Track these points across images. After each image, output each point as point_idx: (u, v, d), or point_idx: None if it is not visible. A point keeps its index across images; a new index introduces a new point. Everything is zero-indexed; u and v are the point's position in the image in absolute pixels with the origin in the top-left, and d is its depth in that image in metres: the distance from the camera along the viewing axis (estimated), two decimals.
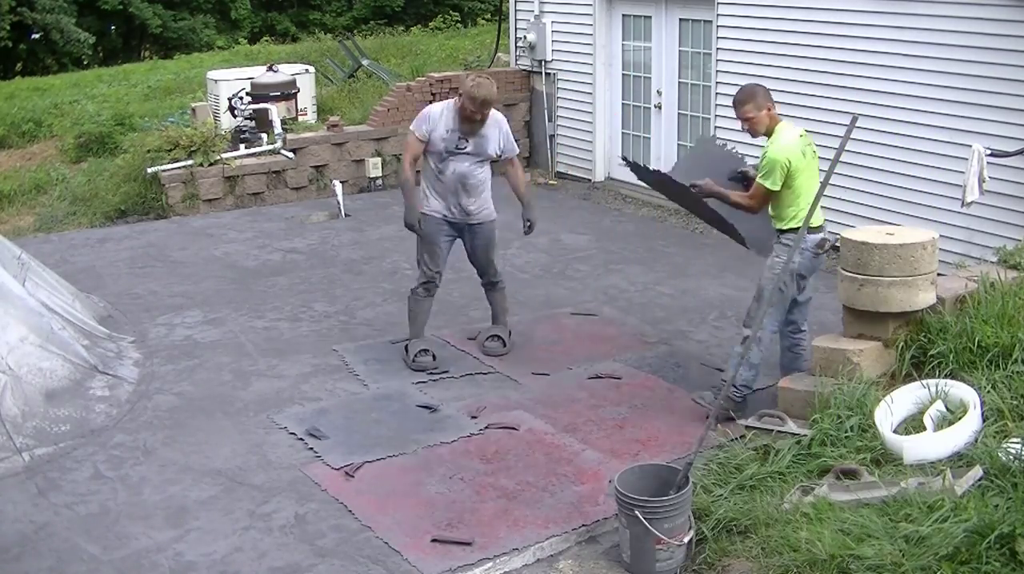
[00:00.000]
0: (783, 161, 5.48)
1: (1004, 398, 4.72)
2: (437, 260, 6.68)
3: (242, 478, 5.35)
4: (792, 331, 5.97)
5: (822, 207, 5.35)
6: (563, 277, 8.49)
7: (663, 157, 10.70)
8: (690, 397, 6.04)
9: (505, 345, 6.88)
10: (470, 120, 6.37)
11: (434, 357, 6.68)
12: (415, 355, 6.66)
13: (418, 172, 6.65)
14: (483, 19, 21.85)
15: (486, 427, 5.82)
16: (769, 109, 5.61)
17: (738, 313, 7.48)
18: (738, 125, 5.77)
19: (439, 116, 6.46)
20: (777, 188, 5.53)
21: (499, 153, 6.64)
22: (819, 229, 5.66)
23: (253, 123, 11.41)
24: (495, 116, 6.54)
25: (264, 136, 11.29)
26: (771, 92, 5.72)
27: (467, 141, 6.45)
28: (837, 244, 5.60)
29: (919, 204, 8.06)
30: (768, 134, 5.62)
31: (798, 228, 5.44)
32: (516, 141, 12.42)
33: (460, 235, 6.72)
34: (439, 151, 6.47)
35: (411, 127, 6.56)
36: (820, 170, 5.93)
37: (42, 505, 5.13)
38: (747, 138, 5.83)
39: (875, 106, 8.18)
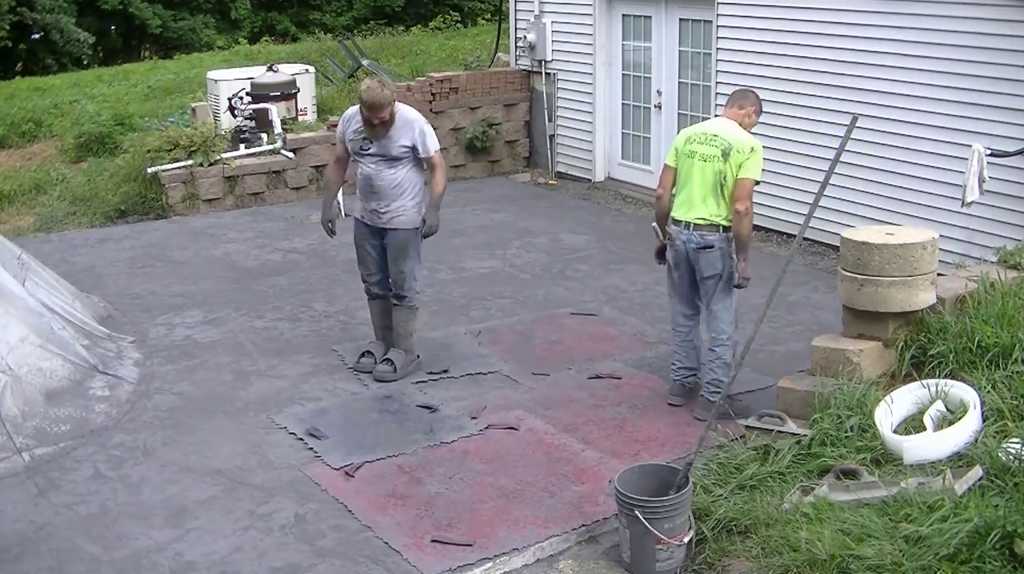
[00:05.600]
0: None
1: (1004, 398, 4.72)
2: (365, 263, 6.52)
3: (242, 478, 5.35)
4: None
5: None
6: (563, 277, 8.49)
7: (663, 157, 10.69)
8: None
9: (396, 370, 6.45)
10: (368, 123, 6.17)
11: (376, 360, 6.53)
12: (359, 357, 6.64)
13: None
14: (483, 19, 21.83)
15: (486, 427, 5.82)
16: (738, 108, 5.88)
17: (738, 313, 7.48)
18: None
19: (351, 116, 6.38)
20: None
21: (412, 153, 6.26)
22: (676, 222, 5.81)
23: (253, 123, 11.41)
24: (406, 116, 6.25)
25: (264, 136, 11.29)
26: (772, 92, 5.79)
27: (371, 142, 6.24)
28: (666, 241, 5.88)
29: (919, 204, 8.06)
30: None
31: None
32: (515, 142, 12.52)
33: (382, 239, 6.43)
34: (351, 152, 6.40)
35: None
36: (818, 170, 5.95)
37: (42, 505, 5.13)
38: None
39: (875, 106, 8.18)
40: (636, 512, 4.32)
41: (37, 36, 23.76)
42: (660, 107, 10.69)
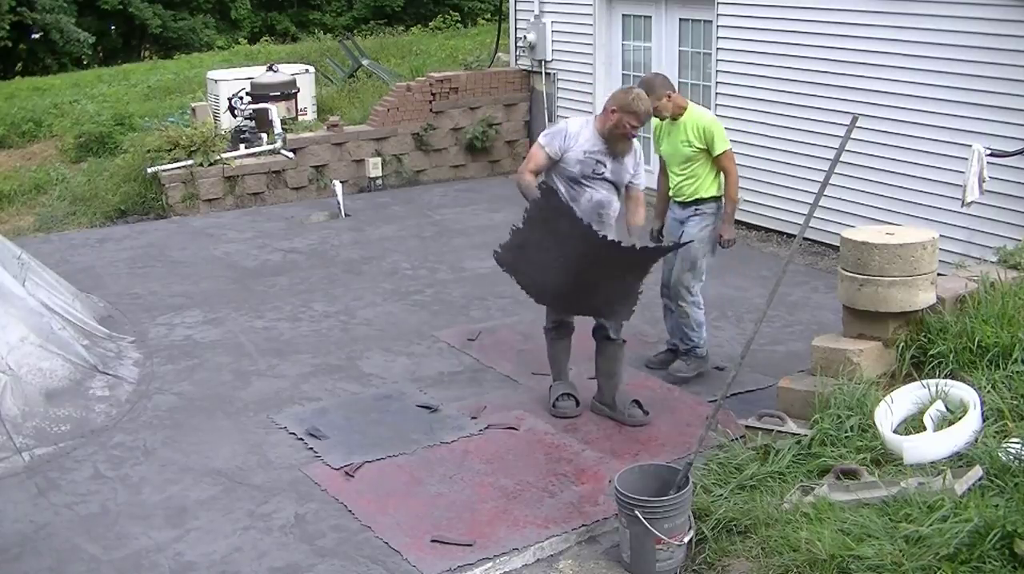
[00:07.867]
0: (719, 123, 6.23)
1: (1004, 398, 4.71)
2: None
3: (242, 478, 5.35)
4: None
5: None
6: None
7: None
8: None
9: (646, 413, 5.87)
10: (626, 138, 5.62)
11: (577, 402, 5.99)
12: (555, 400, 5.99)
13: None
14: (483, 19, 21.83)
15: (486, 427, 5.82)
16: (669, 96, 6.21)
17: (738, 313, 7.50)
18: (738, 121, 5.91)
19: (577, 134, 5.68)
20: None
21: (629, 181, 5.83)
22: (719, 198, 6.30)
23: (253, 123, 11.41)
24: (634, 141, 5.77)
25: (264, 136, 11.29)
26: (772, 92, 5.80)
27: (605, 166, 5.66)
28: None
29: (919, 204, 8.05)
30: (676, 116, 6.25)
31: (719, 196, 6.26)
32: (515, 142, 12.51)
33: None
34: (572, 175, 5.67)
35: (541, 140, 5.74)
36: (818, 170, 5.96)
37: (42, 505, 5.13)
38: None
39: (875, 106, 8.17)
40: (636, 512, 4.32)
41: (37, 36, 23.77)
42: None
